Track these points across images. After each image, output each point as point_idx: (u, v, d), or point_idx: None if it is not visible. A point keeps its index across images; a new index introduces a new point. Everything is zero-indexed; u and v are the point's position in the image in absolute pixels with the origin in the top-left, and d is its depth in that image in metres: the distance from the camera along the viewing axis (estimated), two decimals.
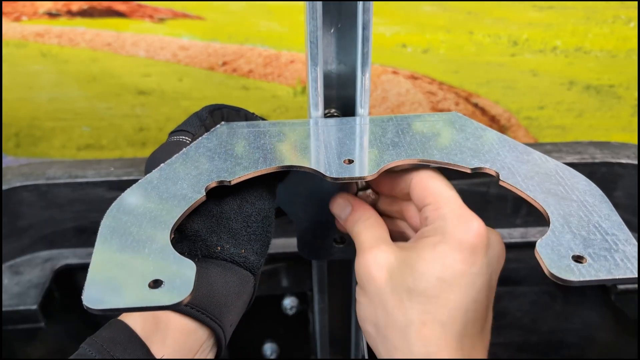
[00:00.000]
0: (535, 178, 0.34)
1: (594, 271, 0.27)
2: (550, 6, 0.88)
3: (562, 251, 0.28)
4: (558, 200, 0.32)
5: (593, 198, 0.32)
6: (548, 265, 0.27)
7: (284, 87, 0.94)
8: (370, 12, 0.38)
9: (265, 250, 0.37)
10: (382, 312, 0.32)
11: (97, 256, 0.29)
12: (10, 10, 0.88)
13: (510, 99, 0.96)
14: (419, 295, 0.31)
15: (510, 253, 0.63)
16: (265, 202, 0.37)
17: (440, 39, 0.91)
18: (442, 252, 0.31)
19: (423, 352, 0.30)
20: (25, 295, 0.55)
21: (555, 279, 0.27)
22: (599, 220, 0.31)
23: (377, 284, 0.33)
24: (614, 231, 0.30)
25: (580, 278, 0.27)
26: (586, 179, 0.34)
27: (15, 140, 0.97)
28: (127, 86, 0.94)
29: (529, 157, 0.36)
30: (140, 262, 0.28)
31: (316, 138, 0.39)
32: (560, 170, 0.35)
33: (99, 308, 0.26)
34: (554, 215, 0.31)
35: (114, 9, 0.89)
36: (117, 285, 0.27)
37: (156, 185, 0.34)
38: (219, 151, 0.37)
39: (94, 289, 0.27)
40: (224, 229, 0.35)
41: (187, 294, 0.26)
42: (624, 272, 0.27)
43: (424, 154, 0.36)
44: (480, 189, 0.60)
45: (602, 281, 0.27)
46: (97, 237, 0.30)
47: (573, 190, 0.33)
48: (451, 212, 0.33)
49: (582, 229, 0.30)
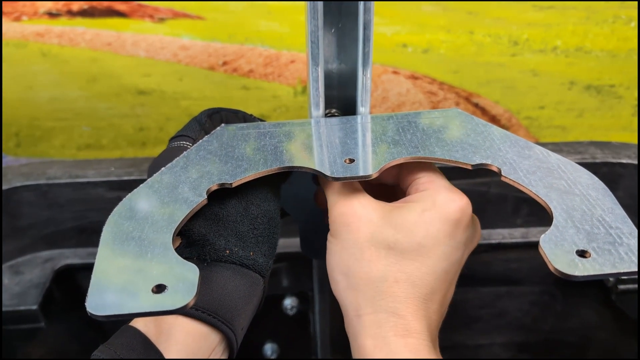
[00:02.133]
0: (537, 173, 0.34)
1: (598, 265, 0.27)
2: (550, 6, 0.88)
3: (565, 246, 0.28)
4: (560, 194, 0.32)
5: (596, 192, 0.32)
6: (552, 261, 0.27)
7: (284, 87, 0.94)
8: (371, 11, 0.37)
9: (273, 252, 0.37)
10: (355, 263, 0.33)
11: (99, 262, 0.29)
12: (10, 10, 0.88)
13: (510, 99, 0.96)
14: (398, 254, 0.33)
15: (510, 253, 0.63)
16: (270, 204, 0.37)
17: (441, 39, 0.91)
18: (428, 219, 0.33)
19: (390, 307, 0.32)
20: (26, 295, 0.55)
21: (559, 274, 0.27)
22: (602, 214, 0.30)
23: (356, 235, 0.34)
24: (618, 224, 0.30)
25: (584, 273, 0.27)
26: (589, 172, 0.34)
27: (16, 140, 0.97)
28: (127, 86, 0.94)
29: (530, 152, 0.36)
30: (143, 267, 0.28)
31: (317, 138, 0.39)
32: (563, 165, 0.35)
33: (104, 314, 0.26)
34: (557, 210, 0.31)
35: (114, 8, 0.89)
36: (120, 291, 0.27)
37: (157, 189, 0.34)
38: (219, 153, 0.37)
39: (97, 295, 0.27)
40: (231, 232, 0.35)
41: (190, 298, 0.26)
42: (629, 265, 0.27)
43: (425, 151, 0.36)
44: (480, 188, 0.60)
45: (606, 275, 0.27)
46: (99, 243, 0.30)
47: (575, 184, 0.33)
48: (443, 186, 0.35)
49: (586, 223, 0.30)
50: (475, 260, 0.63)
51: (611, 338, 0.68)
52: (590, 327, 0.68)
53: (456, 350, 0.70)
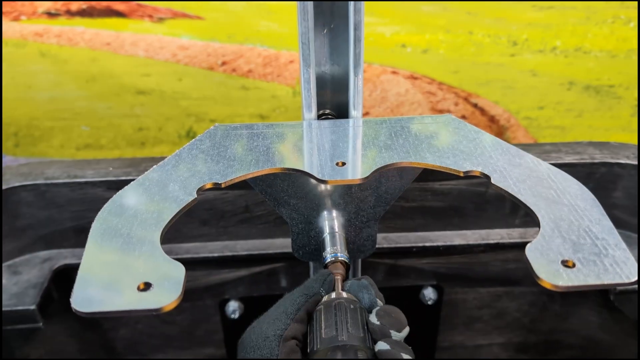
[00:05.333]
0: (527, 181, 0.34)
1: (582, 276, 0.27)
2: (550, 6, 0.88)
3: (551, 255, 0.28)
4: (549, 204, 0.32)
5: (584, 202, 0.32)
6: (536, 270, 0.27)
7: (283, 87, 0.94)
8: (361, 12, 0.37)
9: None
10: None
11: (87, 258, 0.29)
12: (9, 9, 0.88)
13: (509, 99, 0.96)
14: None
15: (509, 253, 0.63)
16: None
17: (440, 39, 0.91)
18: None
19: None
20: (24, 295, 0.55)
21: (543, 283, 0.27)
22: (589, 225, 0.30)
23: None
24: (604, 236, 0.30)
25: (568, 283, 0.27)
26: (578, 182, 0.34)
27: (15, 140, 0.97)
28: (126, 86, 0.94)
29: (521, 160, 0.36)
30: (130, 264, 0.28)
31: (309, 140, 0.39)
32: (553, 174, 0.35)
33: (88, 311, 0.25)
34: (544, 220, 0.31)
35: (113, 8, 0.89)
36: (106, 288, 0.27)
37: (148, 187, 0.33)
38: (211, 153, 0.37)
39: (83, 292, 0.26)
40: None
41: (176, 297, 0.26)
42: (613, 277, 0.27)
43: (417, 157, 0.36)
44: (479, 189, 0.60)
45: (590, 286, 0.27)
46: (87, 238, 0.30)
47: (564, 194, 0.33)
48: None
49: (572, 233, 0.30)
50: (474, 260, 0.63)
51: (610, 338, 0.68)
52: (589, 327, 0.68)
53: (455, 351, 0.70)
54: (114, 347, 0.66)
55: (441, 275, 0.63)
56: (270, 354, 0.31)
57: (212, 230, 0.60)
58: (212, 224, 0.60)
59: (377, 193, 0.43)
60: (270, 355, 0.31)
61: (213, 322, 0.65)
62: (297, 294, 0.35)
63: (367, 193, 0.43)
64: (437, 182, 0.58)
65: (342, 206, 0.44)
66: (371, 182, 0.42)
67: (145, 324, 0.65)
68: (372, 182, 0.42)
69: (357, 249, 0.46)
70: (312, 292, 0.35)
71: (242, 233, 0.60)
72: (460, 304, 0.67)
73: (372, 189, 0.43)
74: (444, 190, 0.59)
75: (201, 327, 0.66)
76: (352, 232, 0.45)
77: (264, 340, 0.32)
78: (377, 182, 0.42)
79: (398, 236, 0.61)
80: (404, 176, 0.42)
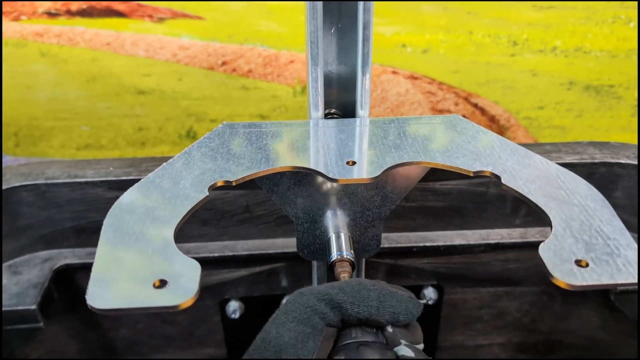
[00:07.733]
0: (536, 182, 0.34)
1: (596, 275, 0.27)
2: (550, 6, 0.88)
3: (564, 255, 0.28)
4: (559, 204, 0.32)
5: (594, 203, 0.33)
6: (551, 269, 0.27)
7: (283, 87, 0.94)
8: (370, 12, 0.37)
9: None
10: None
11: (100, 255, 0.28)
12: (9, 9, 0.88)
13: (509, 99, 0.96)
14: None
15: (509, 253, 0.63)
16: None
17: (440, 39, 0.91)
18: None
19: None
20: (24, 295, 0.55)
21: (558, 282, 0.27)
22: (600, 225, 0.31)
23: None
24: (616, 236, 0.30)
25: (582, 282, 0.27)
26: (587, 183, 0.34)
27: (15, 140, 0.97)
28: (126, 86, 0.94)
29: (530, 161, 0.36)
30: (144, 262, 0.28)
31: (319, 139, 0.39)
32: (562, 175, 0.35)
33: (103, 308, 0.25)
34: (556, 220, 0.31)
35: (114, 8, 0.89)
36: (121, 285, 0.27)
37: (158, 184, 0.34)
38: (221, 151, 0.37)
39: (97, 288, 0.26)
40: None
41: (192, 295, 0.26)
42: (626, 277, 0.27)
43: (426, 157, 0.36)
44: (479, 188, 0.60)
45: (604, 286, 0.27)
46: (100, 236, 0.30)
47: (574, 194, 0.33)
48: None
49: (584, 233, 0.30)
50: (474, 260, 0.63)
51: (610, 338, 0.68)
52: (589, 327, 0.68)
53: (455, 351, 0.70)
54: (114, 347, 0.66)
55: (441, 275, 0.64)
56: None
57: (212, 230, 0.60)
58: (213, 224, 0.60)
59: (383, 192, 0.43)
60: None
61: (213, 322, 0.65)
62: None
63: (374, 192, 0.43)
64: (438, 182, 0.58)
65: (348, 205, 0.44)
66: (378, 182, 0.42)
67: (145, 324, 0.65)
68: (379, 181, 0.42)
69: (362, 249, 0.47)
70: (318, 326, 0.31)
71: (242, 233, 0.60)
72: (460, 304, 0.67)
73: (379, 189, 0.43)
74: (445, 190, 0.59)
75: (201, 327, 0.66)
76: (358, 231, 0.45)
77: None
78: (384, 182, 0.43)
79: (398, 236, 0.61)
80: (410, 176, 0.42)
